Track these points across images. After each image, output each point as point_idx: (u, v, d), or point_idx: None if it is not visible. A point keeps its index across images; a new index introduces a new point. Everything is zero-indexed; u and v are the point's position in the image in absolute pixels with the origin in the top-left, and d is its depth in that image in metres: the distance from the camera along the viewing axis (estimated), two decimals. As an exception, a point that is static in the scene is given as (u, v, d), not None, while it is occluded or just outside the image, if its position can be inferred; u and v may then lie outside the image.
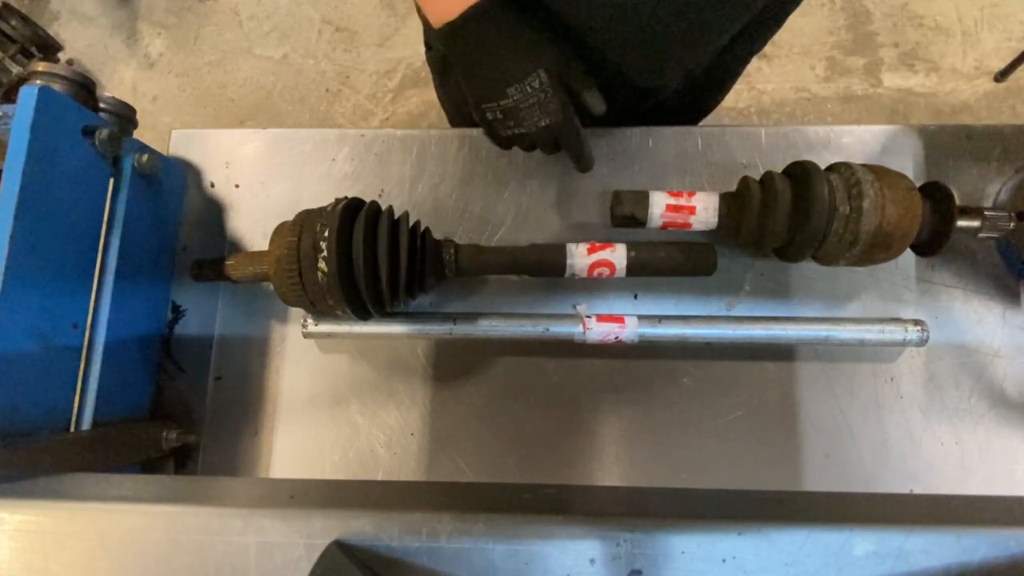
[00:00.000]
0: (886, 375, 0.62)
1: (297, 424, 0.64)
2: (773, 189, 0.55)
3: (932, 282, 0.64)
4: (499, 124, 0.51)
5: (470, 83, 0.50)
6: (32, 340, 0.50)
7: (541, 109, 0.49)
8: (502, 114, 0.49)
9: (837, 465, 0.61)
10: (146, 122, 0.69)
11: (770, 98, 1.72)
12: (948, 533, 0.36)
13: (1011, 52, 1.63)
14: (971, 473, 0.60)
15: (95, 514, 0.39)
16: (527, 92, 0.48)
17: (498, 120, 0.50)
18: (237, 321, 0.66)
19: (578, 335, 0.59)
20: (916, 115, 1.68)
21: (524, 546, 0.36)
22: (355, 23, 1.85)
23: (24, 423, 0.49)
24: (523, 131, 0.51)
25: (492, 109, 0.49)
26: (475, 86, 0.49)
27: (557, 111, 0.50)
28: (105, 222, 0.58)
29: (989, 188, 0.65)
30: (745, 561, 0.36)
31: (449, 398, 0.63)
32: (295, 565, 0.36)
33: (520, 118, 0.49)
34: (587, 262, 0.58)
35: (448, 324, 0.60)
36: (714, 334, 0.60)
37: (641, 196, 0.58)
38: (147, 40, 1.89)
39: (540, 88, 0.48)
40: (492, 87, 0.48)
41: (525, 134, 0.51)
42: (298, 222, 0.55)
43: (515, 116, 0.49)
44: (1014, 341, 0.62)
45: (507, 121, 0.50)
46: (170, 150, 0.70)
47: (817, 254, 0.57)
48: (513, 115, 0.49)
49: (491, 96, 0.49)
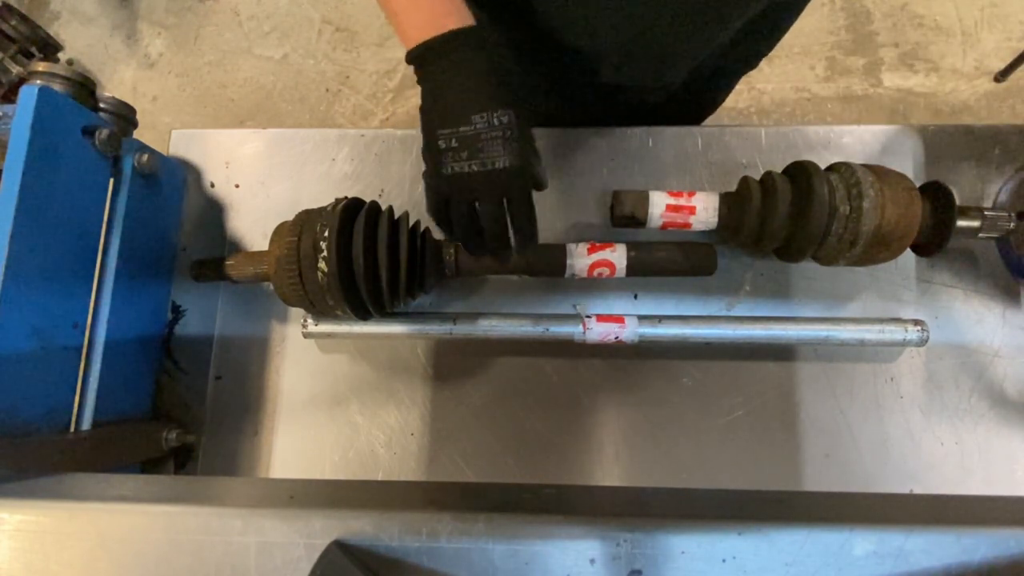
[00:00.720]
0: (886, 375, 0.62)
1: (297, 424, 0.64)
2: (773, 189, 0.55)
3: (932, 282, 0.64)
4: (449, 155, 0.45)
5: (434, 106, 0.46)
6: (32, 340, 0.50)
7: (504, 146, 0.45)
8: (457, 142, 0.45)
9: (837, 465, 0.61)
10: (146, 122, 0.69)
11: (770, 98, 1.72)
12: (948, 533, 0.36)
13: (1011, 52, 1.63)
14: (971, 473, 0.60)
15: (95, 514, 0.39)
16: (493, 124, 0.44)
17: (451, 150, 0.45)
18: (237, 321, 0.66)
19: (578, 335, 0.59)
20: (916, 115, 1.68)
21: (524, 546, 0.36)
22: (355, 23, 1.85)
23: (24, 423, 0.49)
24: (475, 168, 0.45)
25: (447, 136, 0.45)
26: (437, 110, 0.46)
27: (518, 154, 0.45)
28: (105, 222, 0.58)
29: (989, 188, 0.65)
30: (745, 561, 0.36)
31: (449, 398, 0.63)
32: (295, 565, 0.36)
33: (477, 149, 0.44)
34: (587, 262, 0.58)
35: (448, 324, 0.60)
36: (714, 334, 0.60)
37: (641, 196, 0.58)
38: (147, 40, 1.89)
39: (507, 125, 0.45)
40: (456, 111, 0.44)
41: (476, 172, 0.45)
42: (298, 222, 0.55)
43: (472, 146, 0.44)
44: (1014, 341, 0.62)
45: (460, 152, 0.45)
46: (170, 150, 0.70)
47: (817, 254, 0.57)
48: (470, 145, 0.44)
49: (453, 121, 0.45)
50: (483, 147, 0.44)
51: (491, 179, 0.45)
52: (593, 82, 0.64)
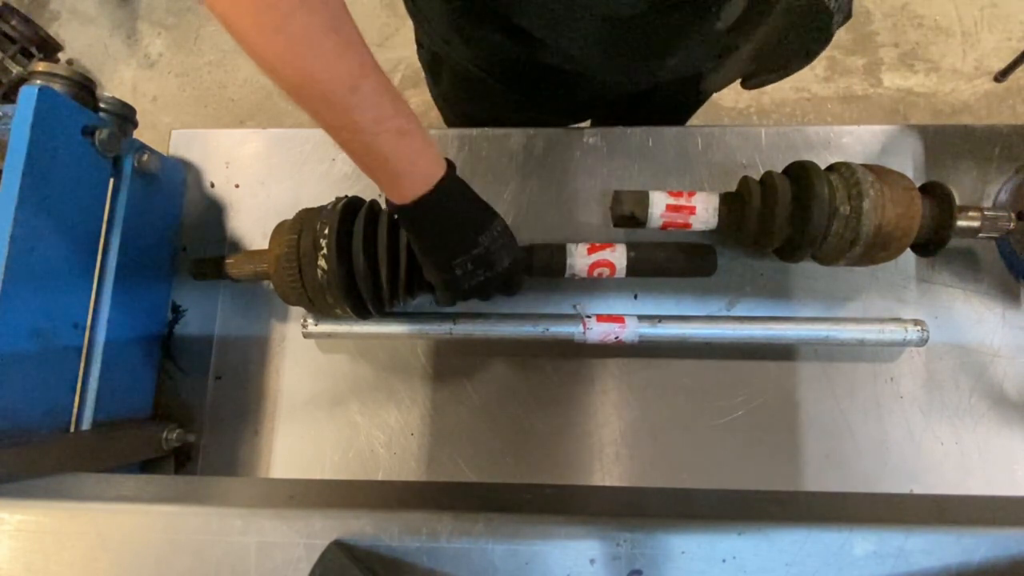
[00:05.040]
0: (886, 375, 0.62)
1: (297, 424, 0.64)
2: (773, 189, 0.55)
3: (932, 282, 0.64)
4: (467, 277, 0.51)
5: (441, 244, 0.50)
6: (32, 340, 0.50)
7: (506, 250, 0.51)
8: (472, 264, 0.50)
9: (837, 465, 0.61)
10: (146, 122, 0.69)
11: (770, 98, 1.72)
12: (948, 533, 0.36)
13: (1011, 52, 1.63)
14: (971, 473, 0.60)
15: (95, 514, 0.39)
16: (495, 236, 0.50)
17: (467, 272, 0.50)
18: (237, 321, 0.66)
19: (578, 335, 0.59)
20: (916, 115, 1.68)
21: (524, 546, 0.36)
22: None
23: (24, 423, 0.49)
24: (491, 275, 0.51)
25: (462, 264, 0.50)
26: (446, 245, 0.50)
27: (515, 248, 0.53)
28: (105, 222, 0.58)
29: (989, 188, 0.65)
30: (745, 561, 0.36)
31: (449, 398, 0.63)
32: (295, 565, 0.36)
33: (491, 262, 0.50)
34: (587, 262, 0.58)
35: (448, 324, 0.60)
36: (714, 334, 0.60)
37: (641, 196, 0.58)
38: (147, 40, 1.89)
39: (502, 231, 0.51)
40: (464, 240, 0.49)
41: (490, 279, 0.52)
42: (298, 220, 0.55)
43: (486, 261, 0.50)
44: (1014, 341, 0.62)
45: (477, 270, 0.50)
46: (170, 150, 0.70)
47: (817, 254, 0.57)
48: (484, 261, 0.50)
49: (463, 249, 0.49)
50: (494, 258, 0.51)
51: (500, 278, 0.52)
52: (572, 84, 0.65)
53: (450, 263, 0.50)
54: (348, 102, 0.41)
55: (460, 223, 0.49)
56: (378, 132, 0.43)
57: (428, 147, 0.46)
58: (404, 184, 0.46)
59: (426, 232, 0.50)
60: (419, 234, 0.50)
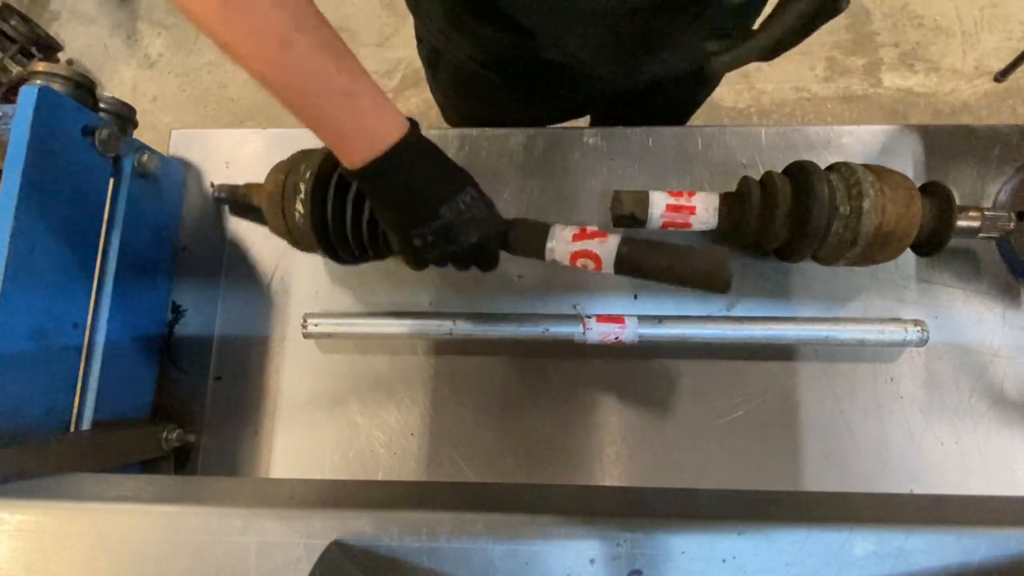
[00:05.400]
0: (886, 375, 0.62)
1: (297, 424, 0.64)
2: (773, 189, 0.55)
3: (932, 282, 0.64)
4: (427, 249, 0.47)
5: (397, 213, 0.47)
6: (32, 340, 0.50)
7: (473, 225, 0.47)
8: (433, 236, 0.47)
9: (837, 465, 0.61)
10: (146, 122, 0.69)
11: (770, 98, 1.72)
12: (948, 533, 0.36)
13: (1011, 52, 1.63)
14: (971, 473, 0.60)
15: (95, 514, 0.39)
16: (460, 208, 0.46)
17: (428, 244, 0.47)
18: (237, 321, 0.66)
19: (578, 335, 0.59)
20: (916, 115, 1.68)
21: (524, 546, 0.36)
22: (355, 23, 1.84)
23: (24, 423, 0.49)
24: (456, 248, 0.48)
25: (421, 235, 0.47)
26: (403, 215, 0.47)
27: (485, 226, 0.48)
28: (105, 222, 0.58)
29: (989, 188, 0.65)
30: (745, 561, 0.36)
31: (449, 398, 0.63)
32: (295, 565, 0.36)
33: (454, 236, 0.47)
34: (570, 249, 0.51)
35: (448, 324, 0.60)
36: (714, 334, 0.60)
37: (641, 196, 0.58)
38: (147, 40, 1.89)
39: (471, 204, 0.47)
40: (422, 211, 0.46)
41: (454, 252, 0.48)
42: (291, 161, 0.56)
43: (446, 235, 0.47)
44: (1014, 341, 0.62)
45: (438, 242, 0.47)
46: (170, 150, 0.70)
47: (817, 254, 0.57)
48: (444, 234, 0.47)
49: (421, 221, 0.46)
50: (456, 233, 0.47)
51: (467, 253, 0.49)
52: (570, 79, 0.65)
53: (407, 233, 0.47)
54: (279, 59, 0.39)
55: (417, 191, 0.46)
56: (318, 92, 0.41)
57: (379, 108, 0.43)
58: (351, 146, 0.44)
59: (379, 199, 0.47)
60: (373, 200, 0.48)
